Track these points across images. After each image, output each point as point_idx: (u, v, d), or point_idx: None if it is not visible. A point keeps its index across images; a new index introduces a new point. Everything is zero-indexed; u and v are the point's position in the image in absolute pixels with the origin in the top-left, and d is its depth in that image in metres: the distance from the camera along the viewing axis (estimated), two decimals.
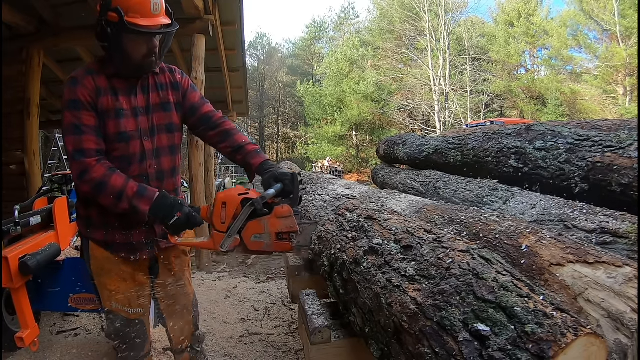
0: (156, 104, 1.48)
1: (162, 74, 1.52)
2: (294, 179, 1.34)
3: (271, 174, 1.37)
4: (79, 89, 1.33)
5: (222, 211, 1.30)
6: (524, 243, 1.10)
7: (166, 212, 1.30)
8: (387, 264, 0.93)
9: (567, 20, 17.71)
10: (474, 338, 0.62)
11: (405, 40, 21.62)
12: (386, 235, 1.06)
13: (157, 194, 1.32)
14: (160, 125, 1.49)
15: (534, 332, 0.58)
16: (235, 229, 1.27)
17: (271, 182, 1.34)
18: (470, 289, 0.71)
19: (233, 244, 1.29)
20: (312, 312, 1.13)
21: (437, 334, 0.67)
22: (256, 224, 1.28)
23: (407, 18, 20.75)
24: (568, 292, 0.90)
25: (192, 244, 1.39)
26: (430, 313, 0.70)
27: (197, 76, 4.14)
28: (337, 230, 1.25)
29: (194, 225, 1.33)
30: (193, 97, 1.57)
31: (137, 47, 1.35)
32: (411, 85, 21.19)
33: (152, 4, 1.31)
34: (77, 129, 1.31)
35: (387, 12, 22.37)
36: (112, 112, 1.37)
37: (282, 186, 1.32)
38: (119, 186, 1.29)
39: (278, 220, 1.28)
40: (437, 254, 0.87)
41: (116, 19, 1.27)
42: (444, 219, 1.50)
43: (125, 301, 1.50)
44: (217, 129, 1.56)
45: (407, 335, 0.73)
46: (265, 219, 1.28)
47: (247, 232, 1.29)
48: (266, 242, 1.29)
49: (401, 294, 0.80)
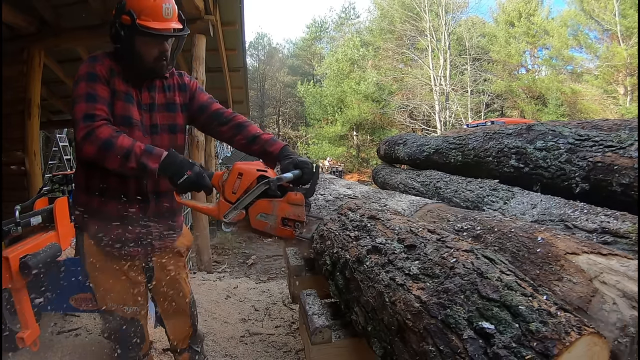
0: (161, 103, 1.50)
1: (170, 77, 1.55)
2: (314, 170, 1.34)
3: (291, 160, 1.37)
4: (97, 65, 1.36)
5: (237, 181, 1.29)
6: (539, 236, 1.11)
7: (175, 169, 1.26)
8: (390, 263, 0.93)
9: (567, 20, 17.71)
10: (478, 336, 0.62)
11: (405, 40, 21.63)
12: (389, 235, 1.06)
13: (166, 152, 1.29)
14: (163, 125, 1.49)
15: (538, 331, 0.58)
16: (244, 202, 1.26)
17: (290, 167, 1.35)
18: (474, 287, 0.71)
19: (238, 217, 1.27)
20: (313, 312, 1.13)
21: (442, 331, 0.67)
22: (266, 204, 1.27)
23: (407, 18, 20.75)
24: (584, 274, 0.92)
25: (196, 206, 1.39)
26: (435, 311, 0.70)
27: (198, 76, 4.15)
28: (340, 230, 1.25)
29: (202, 187, 1.29)
30: (201, 97, 1.59)
31: (149, 50, 1.38)
32: (412, 85, 21.19)
33: (164, 8, 1.36)
34: (92, 97, 1.31)
35: (387, 12, 22.37)
36: (123, 95, 1.39)
37: (300, 173, 1.31)
38: (127, 145, 1.25)
39: (288, 205, 1.27)
40: (440, 253, 0.86)
41: (129, 22, 1.32)
42: (456, 217, 1.51)
43: (120, 299, 1.50)
44: (229, 123, 1.57)
45: (411, 333, 0.73)
46: (275, 201, 1.27)
47: (255, 209, 1.27)
48: (270, 224, 1.28)
49: (405, 292, 0.80)
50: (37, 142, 4.18)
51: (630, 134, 1.59)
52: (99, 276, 1.49)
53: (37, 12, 4.06)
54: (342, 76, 21.96)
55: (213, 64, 5.46)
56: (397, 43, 22.01)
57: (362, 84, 20.98)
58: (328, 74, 23.27)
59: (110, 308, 1.51)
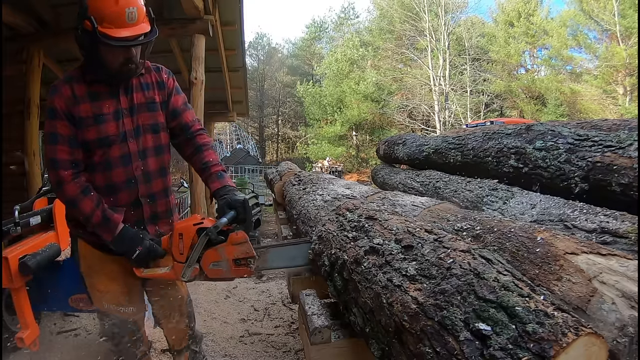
0: (141, 103, 1.46)
1: (147, 73, 1.50)
2: (245, 205, 1.35)
3: (225, 201, 1.37)
4: (56, 98, 1.35)
5: (180, 242, 1.34)
6: (539, 236, 1.11)
7: (127, 247, 1.34)
8: (387, 264, 0.93)
9: (567, 20, 17.68)
10: (475, 337, 0.62)
11: (405, 40, 21.60)
12: (387, 235, 1.06)
13: (119, 228, 1.35)
14: (146, 126, 1.47)
15: (535, 332, 0.59)
16: (193, 259, 1.31)
17: (225, 209, 1.35)
18: (471, 288, 0.71)
19: (193, 273, 1.32)
20: (312, 312, 1.13)
21: (438, 333, 0.67)
22: (213, 253, 1.31)
23: (407, 18, 20.74)
24: (583, 274, 0.92)
25: (155, 275, 1.42)
26: (432, 312, 0.70)
27: (197, 76, 4.14)
28: (338, 230, 1.25)
29: (155, 257, 1.36)
30: (176, 101, 1.55)
31: (113, 57, 1.33)
32: (411, 85, 21.16)
33: (127, 13, 1.27)
34: (53, 138, 1.34)
35: (387, 12, 22.35)
36: (91, 119, 1.37)
37: (235, 213, 1.34)
38: (87, 212, 1.34)
39: (234, 247, 1.30)
40: (438, 253, 0.87)
41: (90, 28, 1.25)
42: (456, 217, 1.51)
43: (115, 300, 1.51)
44: (192, 140, 1.56)
45: (408, 335, 0.73)
46: (221, 246, 1.31)
47: (205, 261, 1.32)
48: (225, 269, 1.32)
49: (402, 293, 0.80)
50: (36, 142, 4.17)
51: (630, 134, 1.59)
52: (94, 278, 1.50)
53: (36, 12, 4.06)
54: (341, 76, 21.93)
55: (212, 64, 5.45)
56: (397, 43, 21.99)
57: (361, 84, 20.96)
58: (327, 74, 23.24)
59: (107, 309, 1.51)
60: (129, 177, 1.44)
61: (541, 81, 18.99)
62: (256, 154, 15.98)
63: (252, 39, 32.95)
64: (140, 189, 1.46)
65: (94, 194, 1.36)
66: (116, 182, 1.42)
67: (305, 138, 26.62)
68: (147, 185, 1.48)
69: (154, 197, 1.51)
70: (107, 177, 1.41)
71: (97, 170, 1.40)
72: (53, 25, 4.19)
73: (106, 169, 1.40)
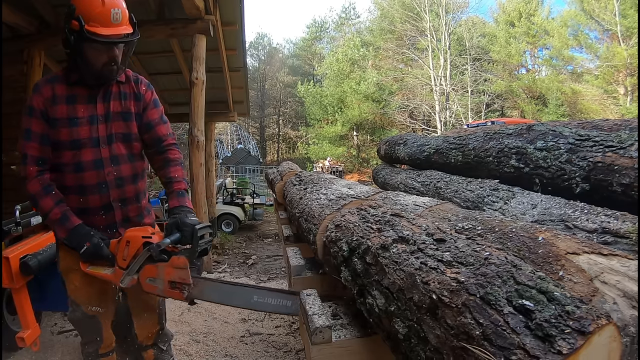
0: (116, 112, 1.52)
1: (127, 83, 1.56)
2: (193, 233, 1.35)
3: (174, 222, 1.39)
4: (35, 97, 1.42)
5: (125, 249, 1.37)
6: (540, 236, 1.12)
7: (77, 241, 1.40)
8: (420, 251, 0.94)
9: (567, 20, 17.69)
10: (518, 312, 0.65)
11: (406, 40, 21.62)
12: (415, 230, 1.07)
13: (75, 225, 1.41)
14: (118, 134, 1.52)
15: (574, 312, 0.62)
16: (133, 269, 1.34)
17: (172, 229, 1.37)
18: (510, 275, 0.74)
19: (131, 282, 1.35)
20: (313, 312, 1.13)
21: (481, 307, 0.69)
22: (152, 269, 1.34)
23: (407, 18, 20.74)
24: (584, 274, 0.93)
25: (98, 274, 1.45)
26: (474, 289, 0.72)
27: (198, 76, 4.14)
28: (360, 221, 1.25)
29: (100, 256, 1.41)
30: (152, 114, 1.60)
31: (98, 56, 1.40)
32: (412, 85, 21.17)
33: (112, 13, 1.36)
34: (27, 134, 1.42)
35: (387, 12, 22.36)
36: (66, 121, 1.43)
37: (179, 236, 1.35)
38: (46, 209, 1.41)
39: (173, 269, 1.32)
40: (472, 247, 0.88)
41: (77, 28, 1.33)
42: (457, 217, 1.51)
43: (85, 299, 1.56)
44: (162, 154, 1.60)
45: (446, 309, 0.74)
46: (161, 265, 1.33)
47: (144, 274, 1.35)
48: (159, 287, 1.34)
49: (439, 274, 0.81)
50: None
51: (631, 134, 1.58)
52: (70, 273, 1.55)
53: (37, 12, 4.07)
54: (342, 76, 21.94)
55: (213, 64, 5.46)
56: (398, 43, 22.00)
57: (362, 84, 20.96)
58: (328, 74, 23.24)
59: (76, 301, 1.57)
60: (100, 182, 1.48)
61: (542, 81, 18.98)
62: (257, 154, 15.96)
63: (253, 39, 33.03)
64: (112, 193, 1.51)
65: (55, 193, 1.42)
66: (87, 185, 1.47)
67: (306, 138, 26.64)
68: (120, 190, 1.52)
69: (126, 201, 1.56)
70: (78, 178, 1.46)
71: (68, 170, 1.46)
72: (54, 26, 4.20)
73: (77, 171, 1.46)
